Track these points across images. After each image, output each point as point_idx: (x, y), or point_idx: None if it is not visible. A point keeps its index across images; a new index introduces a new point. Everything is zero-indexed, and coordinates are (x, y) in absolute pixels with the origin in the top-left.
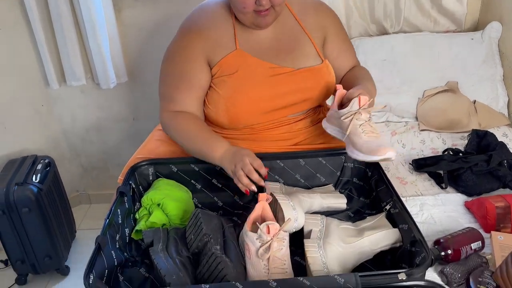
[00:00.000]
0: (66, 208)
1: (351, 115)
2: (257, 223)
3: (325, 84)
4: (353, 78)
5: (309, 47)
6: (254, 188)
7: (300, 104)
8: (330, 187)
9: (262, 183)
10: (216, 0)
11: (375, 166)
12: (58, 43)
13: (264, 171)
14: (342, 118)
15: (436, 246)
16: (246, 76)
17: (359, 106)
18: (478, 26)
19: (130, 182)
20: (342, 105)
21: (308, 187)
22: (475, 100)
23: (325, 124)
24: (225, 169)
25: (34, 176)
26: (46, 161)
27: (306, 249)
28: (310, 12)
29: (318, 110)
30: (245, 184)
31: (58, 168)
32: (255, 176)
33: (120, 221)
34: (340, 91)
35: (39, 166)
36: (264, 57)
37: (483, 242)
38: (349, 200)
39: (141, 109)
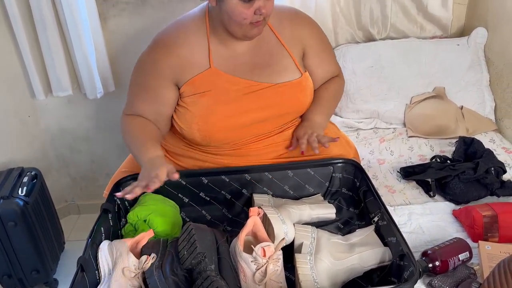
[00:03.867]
0: (53, 220)
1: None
2: (251, 246)
3: (303, 98)
4: (314, 98)
5: (288, 61)
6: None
7: (280, 118)
8: (319, 197)
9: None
10: (193, 14)
11: (363, 176)
12: (43, 54)
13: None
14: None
15: (423, 258)
16: (219, 94)
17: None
18: (464, 32)
19: (115, 198)
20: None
21: (297, 198)
22: (462, 106)
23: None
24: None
25: (20, 189)
26: (33, 173)
27: (297, 265)
28: (285, 24)
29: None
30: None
31: (46, 179)
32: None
33: (104, 239)
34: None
35: (25, 179)
36: (239, 74)
37: (470, 253)
38: (339, 210)
39: None
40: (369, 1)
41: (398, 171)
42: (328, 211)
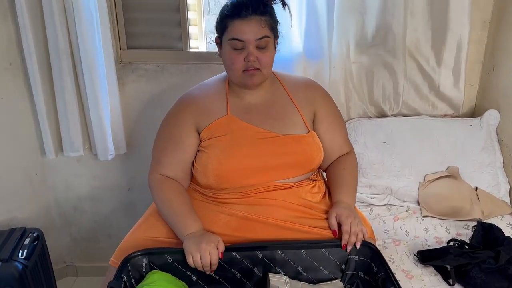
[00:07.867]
0: (51, 283)
1: None
2: None
3: (310, 152)
4: (335, 179)
5: (297, 119)
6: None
7: (286, 169)
8: (338, 283)
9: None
10: (215, 77)
11: (381, 261)
12: (59, 114)
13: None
14: None
15: None
16: (233, 138)
17: None
18: (475, 112)
19: (123, 275)
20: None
21: (312, 281)
22: (476, 187)
23: None
24: (185, 247)
25: (20, 251)
26: (35, 234)
27: None
28: (300, 87)
29: (313, 183)
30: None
31: (46, 238)
32: (207, 268)
33: None
34: None
35: (27, 241)
36: (253, 122)
37: None
38: None
39: (137, 180)
40: (382, 78)
41: (415, 255)
42: None
